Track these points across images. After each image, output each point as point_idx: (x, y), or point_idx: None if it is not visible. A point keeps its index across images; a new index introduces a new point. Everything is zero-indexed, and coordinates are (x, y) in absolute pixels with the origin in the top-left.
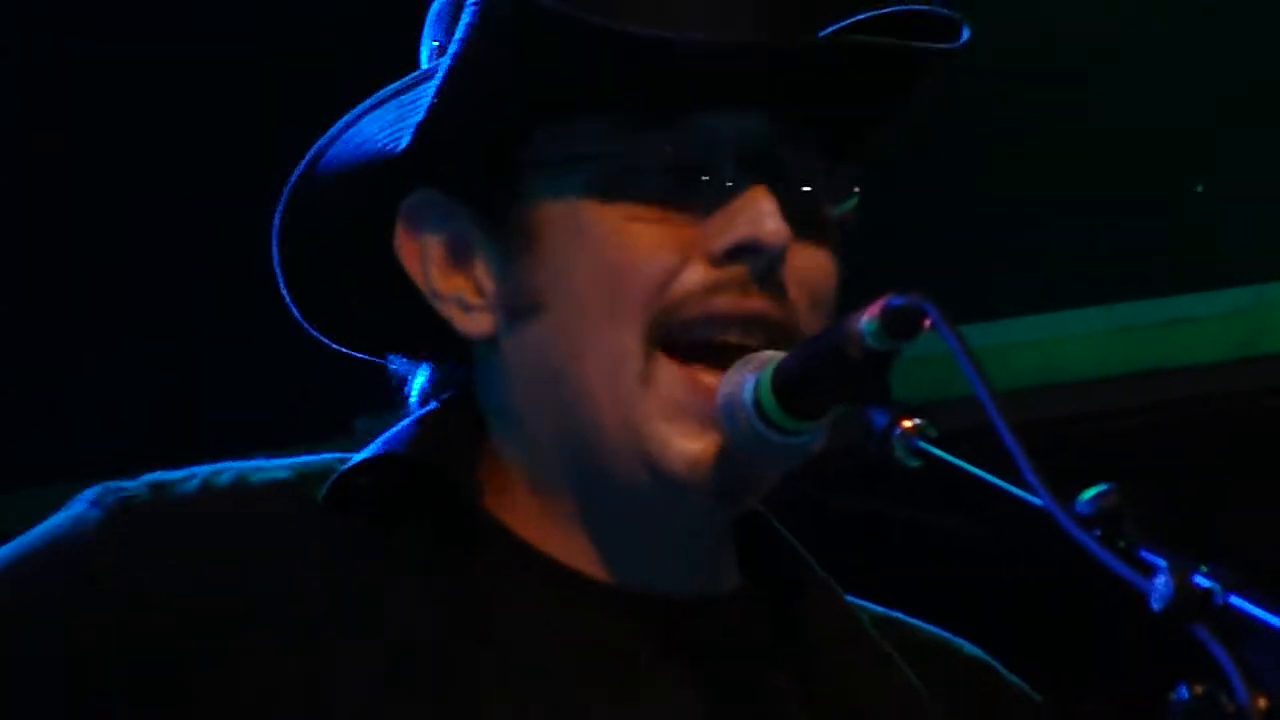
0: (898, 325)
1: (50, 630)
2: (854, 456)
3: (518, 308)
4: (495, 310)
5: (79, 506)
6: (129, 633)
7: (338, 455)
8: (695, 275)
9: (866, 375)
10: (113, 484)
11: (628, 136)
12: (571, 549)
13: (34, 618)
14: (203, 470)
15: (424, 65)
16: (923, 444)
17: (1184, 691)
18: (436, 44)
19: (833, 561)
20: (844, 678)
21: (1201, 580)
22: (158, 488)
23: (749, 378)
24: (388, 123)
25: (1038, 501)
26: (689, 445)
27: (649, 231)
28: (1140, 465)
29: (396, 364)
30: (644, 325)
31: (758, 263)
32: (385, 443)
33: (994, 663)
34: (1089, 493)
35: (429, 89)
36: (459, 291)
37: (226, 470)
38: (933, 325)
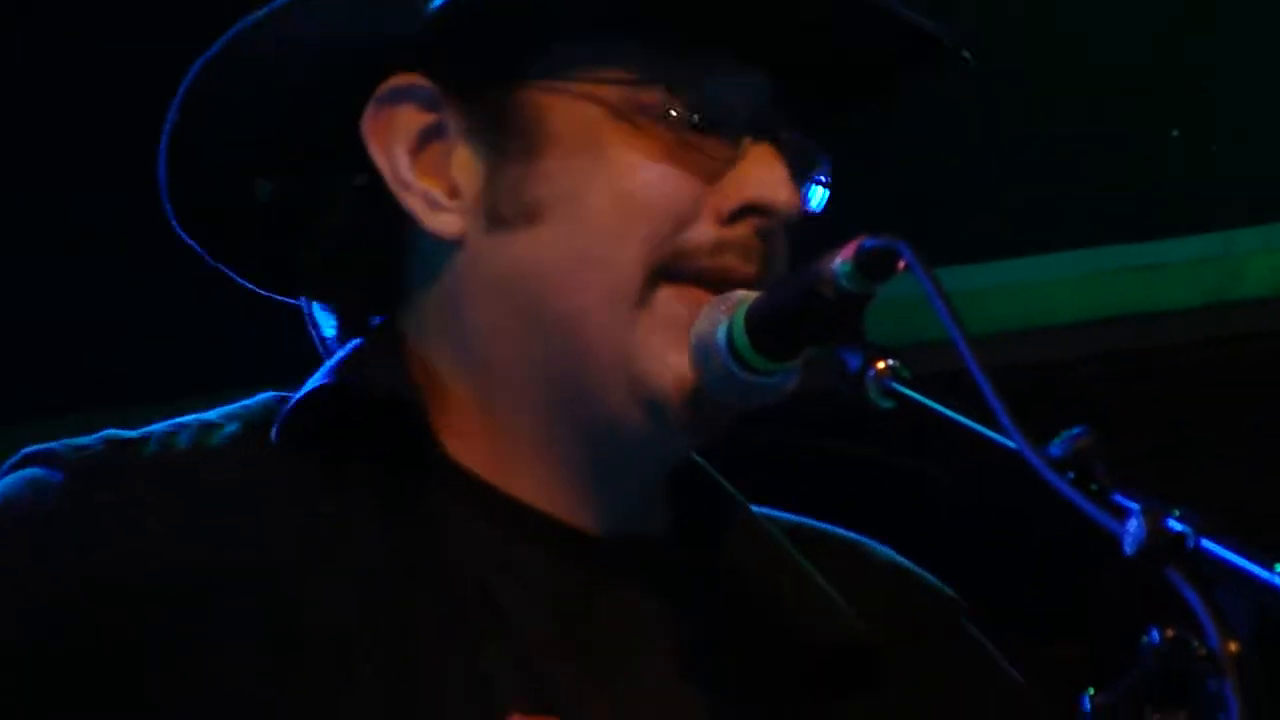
0: (872, 266)
1: (25, 601)
2: (827, 397)
3: (505, 216)
4: (471, 214)
5: (32, 469)
6: (104, 601)
7: (276, 395)
8: (703, 232)
9: (840, 317)
10: (66, 443)
11: (657, 70)
12: (521, 481)
13: (8, 592)
14: (158, 429)
15: None
16: (896, 385)
17: (1155, 635)
18: None
19: (803, 503)
20: (771, 605)
21: (1174, 524)
22: (118, 446)
23: (721, 318)
24: (356, 8)
25: (1011, 444)
26: (682, 360)
27: (669, 174)
28: (1112, 410)
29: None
30: (648, 264)
31: (765, 225)
32: (326, 373)
33: (907, 562)
34: (1062, 435)
35: None
36: (431, 187)
37: (182, 428)
38: (907, 267)
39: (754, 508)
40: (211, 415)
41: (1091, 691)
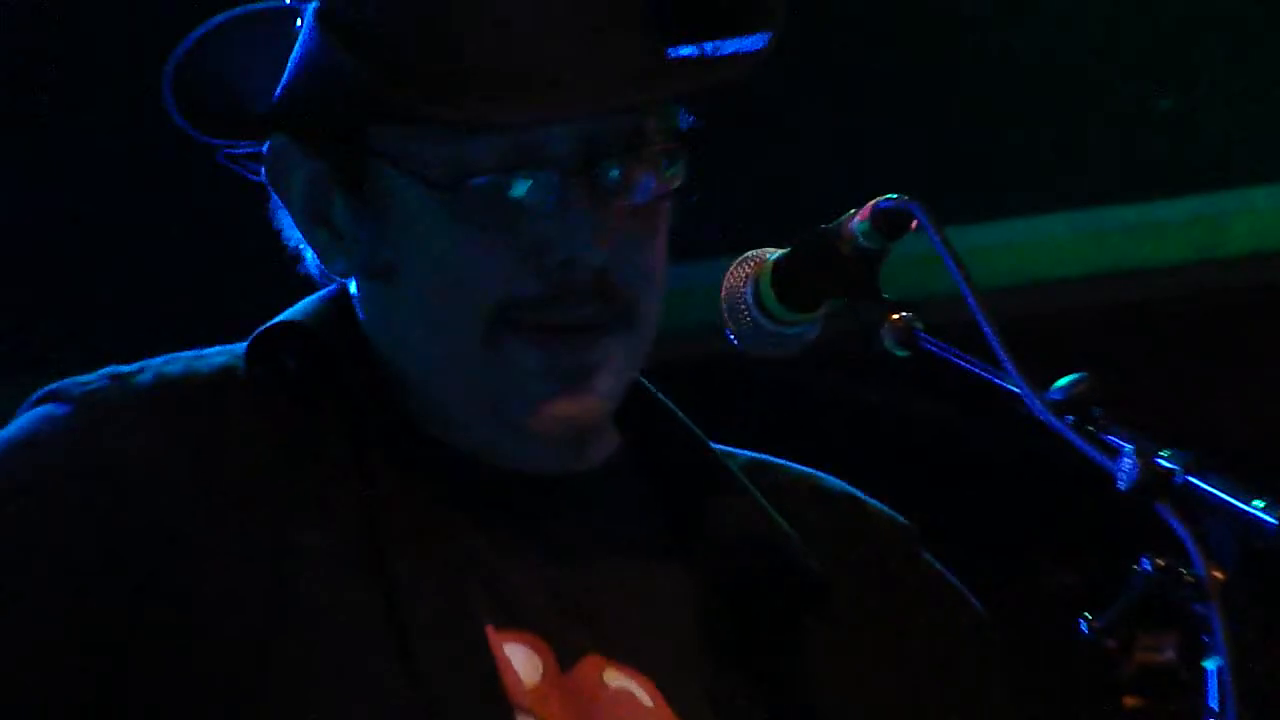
0: (887, 225)
1: (41, 520)
2: (847, 346)
3: (368, 267)
4: (355, 257)
5: (45, 406)
6: (110, 514)
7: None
8: (532, 286)
9: (858, 272)
10: (72, 380)
11: (462, 140)
12: (456, 439)
13: (24, 511)
14: (154, 362)
15: None
16: (911, 334)
17: (1146, 564)
18: None
19: (820, 443)
20: (716, 529)
21: (1163, 462)
22: (117, 379)
23: (748, 276)
24: (259, 58)
25: (1015, 388)
26: (539, 390)
27: (483, 239)
28: (1105, 359)
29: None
30: (484, 320)
31: (586, 274)
32: (293, 312)
33: (857, 492)
34: (1062, 381)
35: (295, 49)
36: (321, 232)
37: (174, 360)
38: (919, 226)
39: (713, 445)
40: (209, 350)
41: (1088, 616)
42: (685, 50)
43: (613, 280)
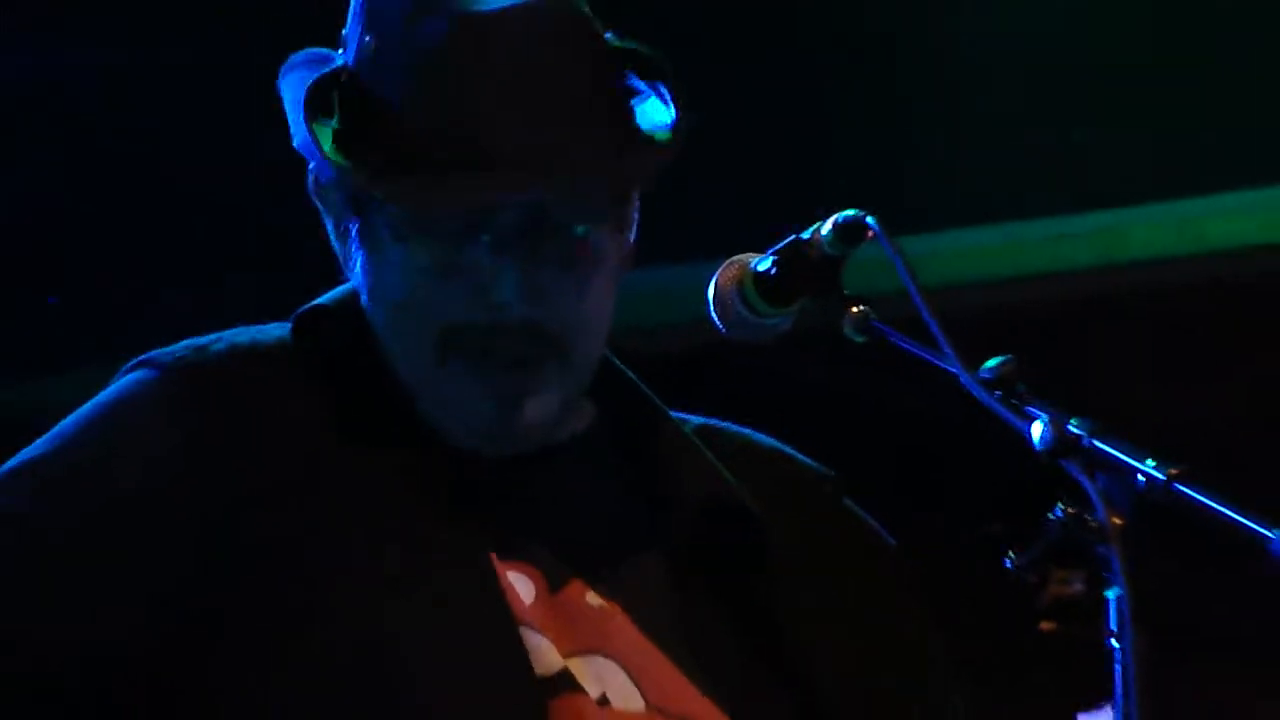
0: (848, 235)
1: (133, 469)
2: (814, 335)
3: (362, 283)
4: (352, 272)
5: (136, 373)
6: (189, 465)
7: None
8: (478, 315)
9: (824, 273)
10: (160, 350)
11: (434, 213)
12: (445, 428)
13: (120, 466)
14: (226, 334)
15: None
16: (867, 324)
17: (1059, 512)
18: (344, 35)
19: (790, 416)
20: (673, 482)
21: (1072, 428)
22: (196, 349)
23: (735, 276)
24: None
25: (952, 369)
26: (469, 437)
27: (438, 285)
28: (1026, 346)
29: None
30: (433, 339)
31: (517, 319)
32: (329, 296)
33: (790, 449)
34: (990, 362)
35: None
36: (340, 245)
37: (242, 333)
38: (874, 236)
39: (671, 412)
40: (270, 325)
41: (1012, 555)
42: (604, 136)
43: (542, 324)
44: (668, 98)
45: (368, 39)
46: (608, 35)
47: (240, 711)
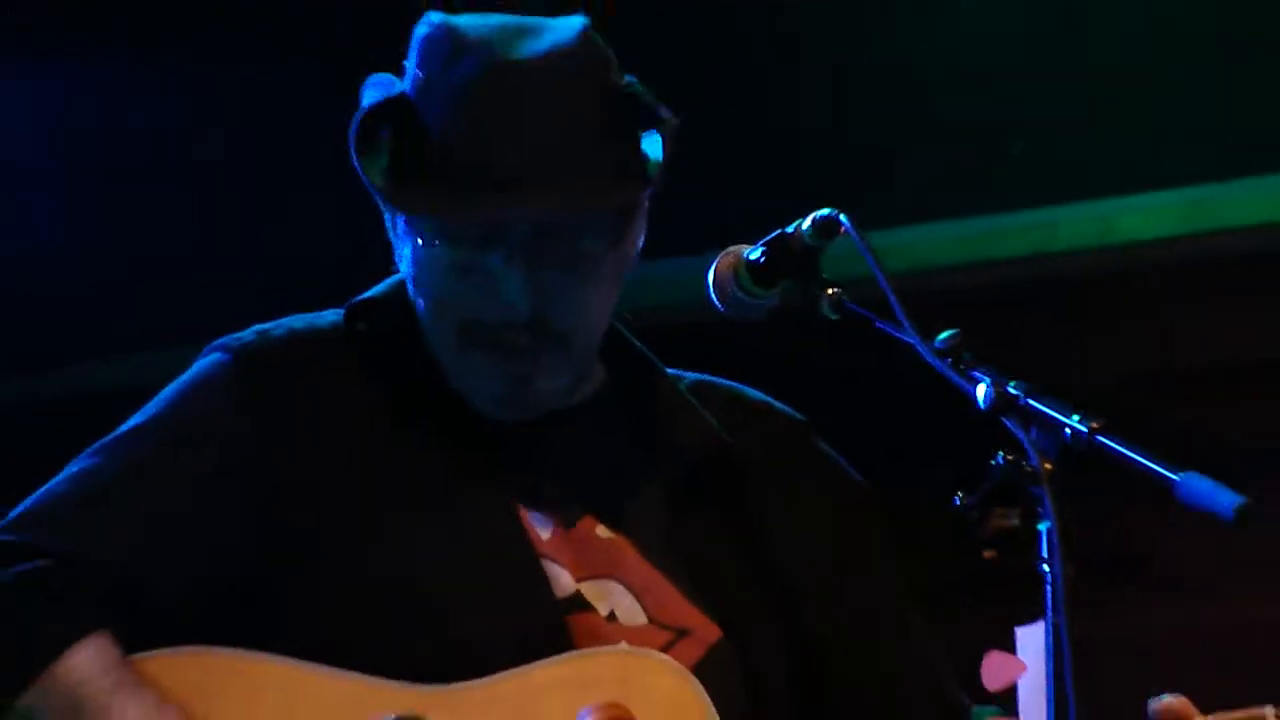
0: (824, 229)
1: (213, 455)
2: (796, 312)
3: (407, 274)
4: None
5: (213, 355)
6: (256, 428)
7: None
8: (484, 313)
9: (805, 261)
10: (231, 336)
11: (460, 227)
12: (471, 400)
13: (198, 447)
14: (285, 320)
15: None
16: (841, 303)
17: (1000, 459)
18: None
19: (778, 378)
20: (668, 431)
21: (1010, 389)
22: (261, 334)
23: (731, 263)
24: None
25: (911, 340)
26: (491, 408)
27: (459, 282)
28: (972, 324)
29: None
30: (455, 329)
31: (522, 316)
32: (377, 290)
33: (770, 399)
34: (942, 335)
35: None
36: (395, 239)
37: (300, 319)
38: (845, 230)
39: (668, 370)
40: (325, 312)
41: (961, 495)
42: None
43: (546, 321)
44: (659, 140)
45: (419, 73)
46: (627, 78)
47: (309, 617)
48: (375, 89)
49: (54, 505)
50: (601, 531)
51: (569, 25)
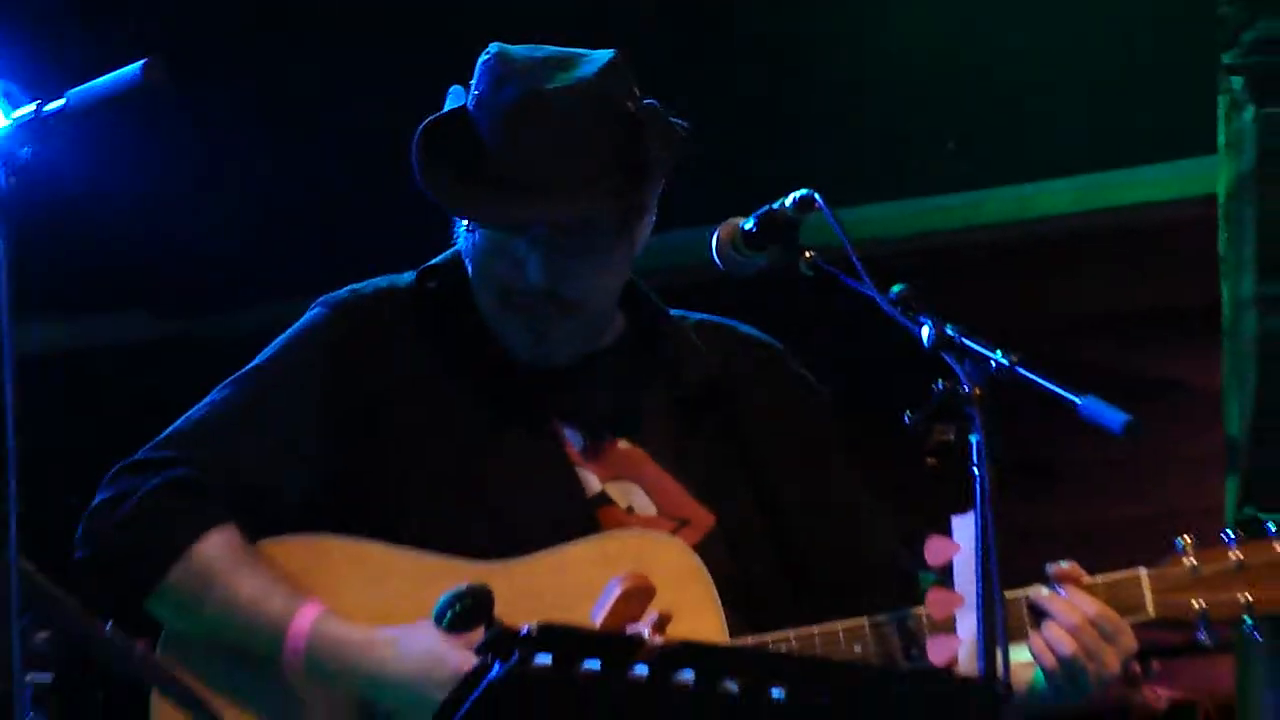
0: (802, 205)
1: (315, 387)
2: (780, 270)
3: (463, 249)
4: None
5: (316, 309)
6: (351, 385)
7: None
8: (523, 284)
9: (787, 230)
10: (330, 294)
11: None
12: (510, 349)
13: (303, 382)
14: (374, 280)
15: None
16: (815, 263)
17: (940, 384)
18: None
19: (769, 321)
20: (674, 362)
21: (948, 330)
22: (354, 293)
23: (730, 230)
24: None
25: (870, 293)
26: (523, 355)
27: (495, 260)
28: (913, 279)
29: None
30: (497, 295)
31: (541, 288)
32: (442, 257)
33: (753, 330)
34: (895, 288)
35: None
36: (455, 225)
37: (385, 279)
38: (819, 206)
39: (680, 311)
40: (405, 273)
41: (910, 412)
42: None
43: (558, 293)
44: (657, 160)
45: (475, 93)
46: (645, 100)
47: (394, 510)
48: (451, 97)
49: (194, 426)
50: (622, 444)
51: (599, 58)
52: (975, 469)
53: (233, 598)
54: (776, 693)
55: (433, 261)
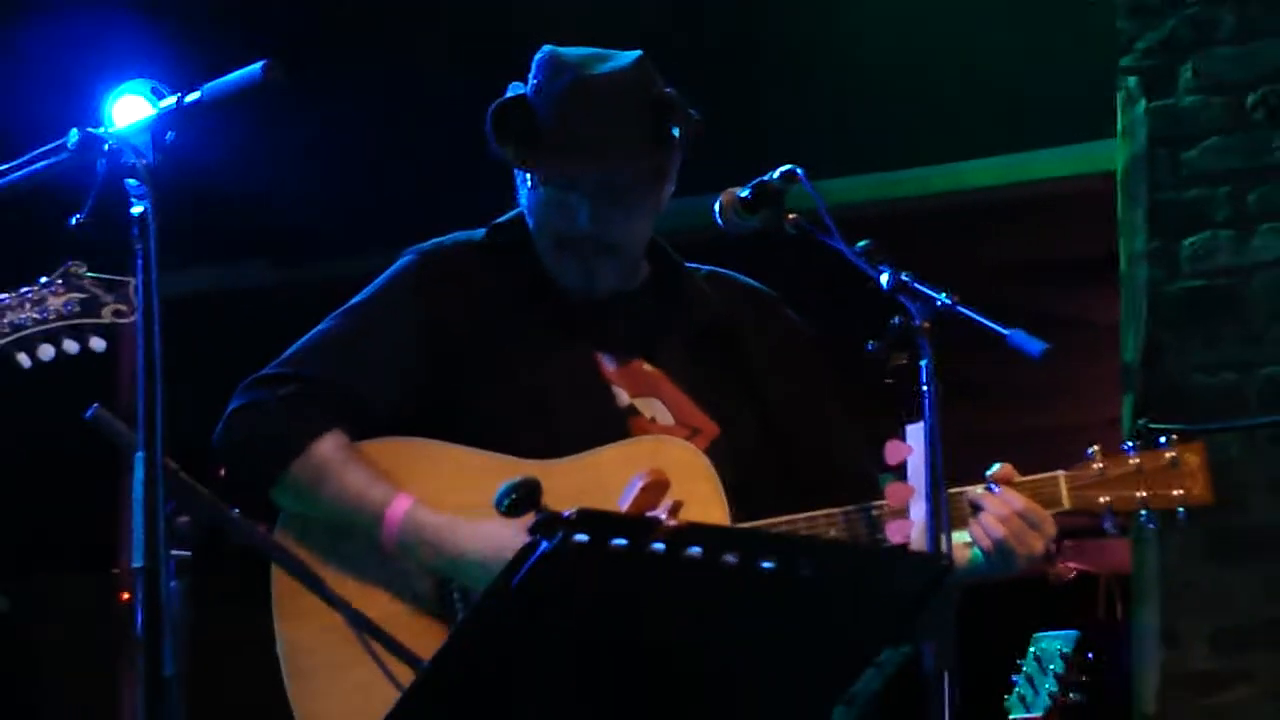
0: (788, 177)
1: (405, 320)
2: (770, 230)
3: (526, 205)
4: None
5: (407, 256)
6: (434, 318)
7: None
8: (569, 230)
9: (776, 197)
10: (419, 244)
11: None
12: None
13: (396, 315)
14: (454, 234)
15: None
16: (799, 224)
17: (897, 320)
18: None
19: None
20: (685, 305)
21: (903, 276)
22: (437, 244)
23: (731, 198)
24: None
25: (841, 247)
26: (574, 280)
27: (552, 212)
28: (878, 237)
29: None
30: (553, 241)
31: (587, 232)
32: (505, 216)
33: (752, 281)
34: (860, 244)
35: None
36: (520, 181)
37: (464, 234)
38: (800, 179)
39: (691, 263)
40: (479, 229)
41: (873, 341)
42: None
43: (601, 238)
44: (678, 131)
45: (534, 81)
46: (667, 90)
47: (466, 418)
48: (511, 89)
49: (309, 349)
50: (647, 367)
51: (631, 55)
52: (925, 387)
53: (342, 488)
54: (767, 564)
55: (499, 220)
